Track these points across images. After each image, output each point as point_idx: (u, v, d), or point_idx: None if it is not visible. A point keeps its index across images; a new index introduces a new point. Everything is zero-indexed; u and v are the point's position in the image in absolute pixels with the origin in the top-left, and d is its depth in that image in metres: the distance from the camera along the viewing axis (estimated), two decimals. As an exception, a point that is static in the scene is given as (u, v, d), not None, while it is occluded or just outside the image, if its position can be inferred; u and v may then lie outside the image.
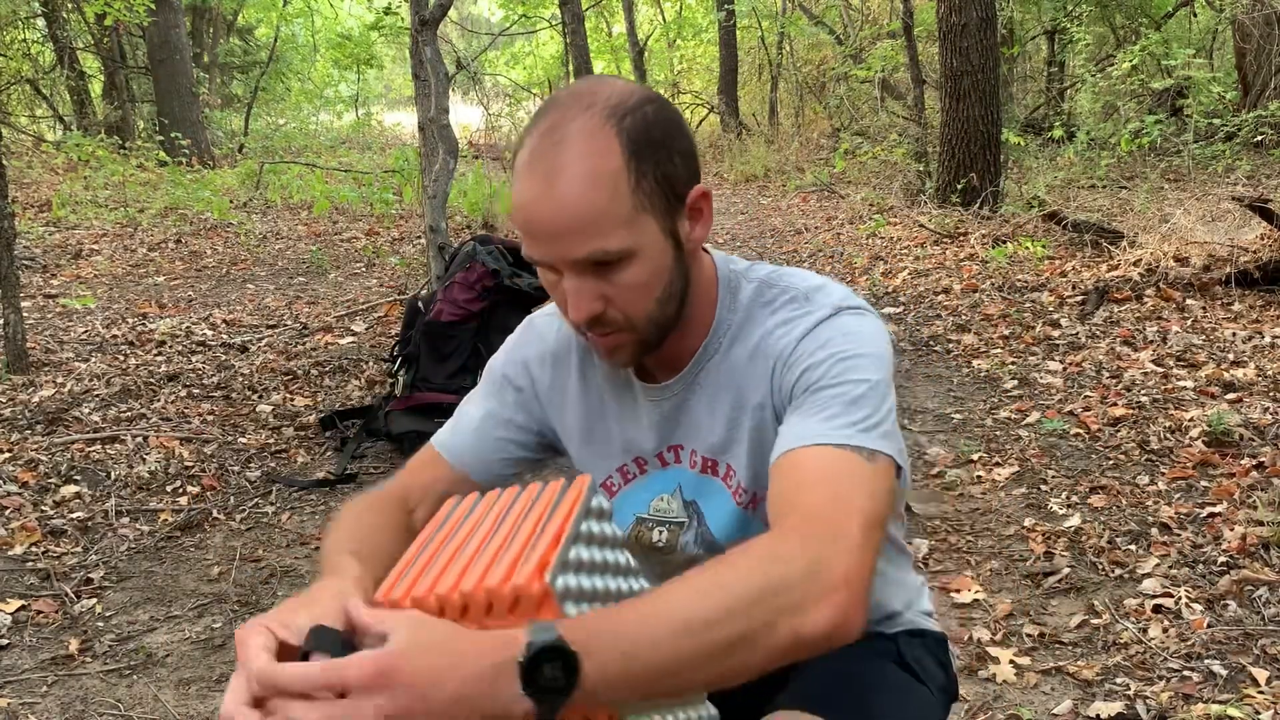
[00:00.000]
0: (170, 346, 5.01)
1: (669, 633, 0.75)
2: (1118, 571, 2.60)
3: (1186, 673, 2.15)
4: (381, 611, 0.77)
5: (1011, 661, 2.23)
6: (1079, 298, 5.17)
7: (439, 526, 0.87)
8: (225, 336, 5.23)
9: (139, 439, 3.72)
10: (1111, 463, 3.27)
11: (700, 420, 1.11)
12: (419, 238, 7.84)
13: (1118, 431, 3.49)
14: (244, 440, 3.79)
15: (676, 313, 1.04)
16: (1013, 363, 4.36)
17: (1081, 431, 3.53)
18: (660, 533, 1.15)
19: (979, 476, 3.26)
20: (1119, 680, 2.15)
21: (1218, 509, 2.84)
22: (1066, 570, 2.61)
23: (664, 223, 0.98)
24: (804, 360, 1.02)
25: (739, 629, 0.77)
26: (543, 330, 1.21)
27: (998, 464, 3.34)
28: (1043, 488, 3.13)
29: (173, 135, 12.35)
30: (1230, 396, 3.66)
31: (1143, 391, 3.82)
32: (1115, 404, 3.72)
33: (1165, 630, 2.31)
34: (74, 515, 3.16)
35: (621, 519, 1.18)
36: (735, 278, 1.11)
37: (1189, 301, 4.89)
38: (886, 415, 0.98)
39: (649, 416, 1.14)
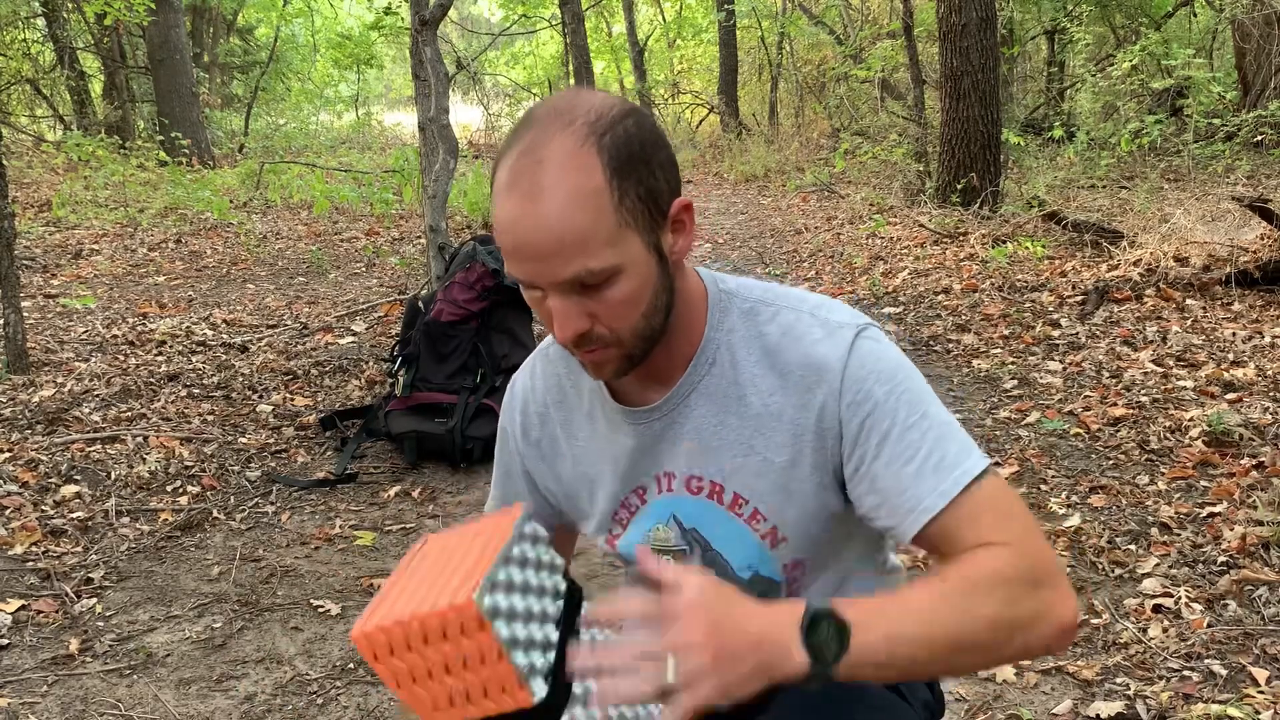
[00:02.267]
0: (170, 346, 5.01)
1: (926, 637, 0.88)
2: (1118, 571, 2.60)
3: (1186, 672, 2.15)
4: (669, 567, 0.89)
5: (1011, 661, 2.24)
6: (1079, 298, 5.17)
7: (410, 563, 0.95)
8: (225, 336, 5.23)
9: (139, 439, 3.72)
10: (1111, 462, 3.27)
11: (701, 443, 1.09)
12: (419, 238, 7.84)
13: (1118, 431, 3.49)
14: (244, 440, 3.79)
15: (663, 325, 1.03)
16: (1013, 363, 4.36)
17: (1081, 431, 3.53)
18: (665, 562, 1.16)
19: (979, 476, 3.26)
20: (1119, 680, 2.15)
21: (1218, 509, 2.84)
22: (1066, 570, 2.61)
23: (647, 237, 0.97)
24: (864, 400, 1.01)
25: (981, 645, 0.90)
26: (522, 389, 1.22)
27: (997, 464, 3.34)
28: (1043, 488, 3.13)
29: (173, 135, 12.36)
30: (1230, 396, 3.66)
31: (1143, 391, 3.82)
32: (1115, 404, 3.72)
33: (1165, 630, 2.31)
34: (74, 515, 3.16)
35: (630, 552, 1.17)
36: (725, 298, 1.09)
37: (1189, 301, 4.89)
38: (957, 423, 1.04)
39: (633, 440, 1.12)
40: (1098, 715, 2.04)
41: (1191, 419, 3.46)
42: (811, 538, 1.09)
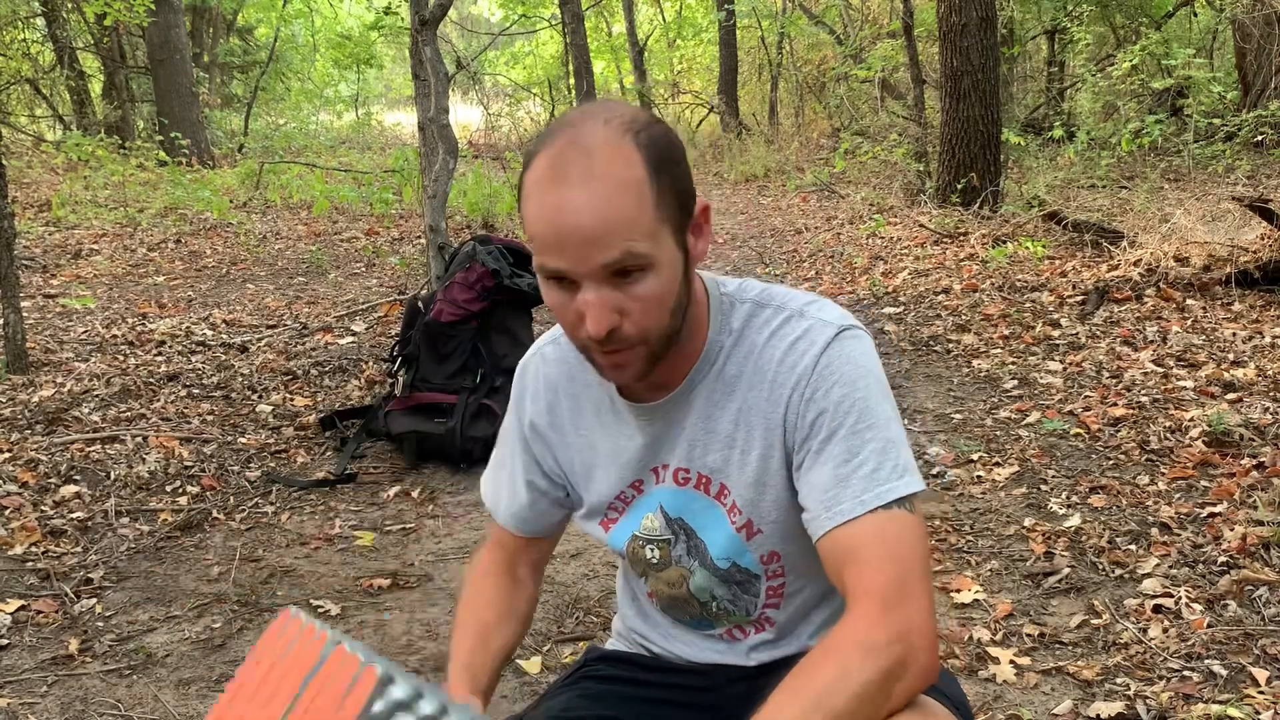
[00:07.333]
0: (170, 346, 5.01)
1: None
2: (1118, 571, 2.60)
3: (1186, 673, 2.14)
4: None
5: (1011, 661, 2.23)
6: (1079, 298, 5.17)
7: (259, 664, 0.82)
8: (225, 336, 5.23)
9: (139, 439, 3.71)
10: (1111, 463, 3.27)
11: (692, 438, 1.13)
12: (419, 238, 7.84)
13: (1118, 431, 3.49)
14: (244, 440, 3.79)
15: (681, 325, 1.06)
16: (1013, 363, 4.36)
17: (1081, 431, 3.53)
18: (651, 550, 1.19)
19: (979, 476, 3.26)
20: (1119, 680, 2.15)
21: (1218, 509, 2.83)
22: (1066, 570, 2.61)
23: (678, 235, 1.01)
24: (821, 399, 1.05)
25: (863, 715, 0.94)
26: (533, 375, 1.25)
27: (998, 464, 3.33)
28: (1043, 488, 3.13)
29: (172, 135, 12.35)
30: (1230, 396, 3.66)
31: (1143, 391, 3.82)
32: (1115, 404, 3.72)
33: (1165, 630, 2.30)
34: (74, 515, 3.16)
35: (621, 540, 1.22)
36: (727, 300, 1.13)
37: (1189, 301, 4.89)
38: (905, 442, 1.06)
39: (641, 436, 1.15)
40: (1098, 715, 2.03)
41: (1192, 419, 3.46)
42: (786, 530, 1.12)
